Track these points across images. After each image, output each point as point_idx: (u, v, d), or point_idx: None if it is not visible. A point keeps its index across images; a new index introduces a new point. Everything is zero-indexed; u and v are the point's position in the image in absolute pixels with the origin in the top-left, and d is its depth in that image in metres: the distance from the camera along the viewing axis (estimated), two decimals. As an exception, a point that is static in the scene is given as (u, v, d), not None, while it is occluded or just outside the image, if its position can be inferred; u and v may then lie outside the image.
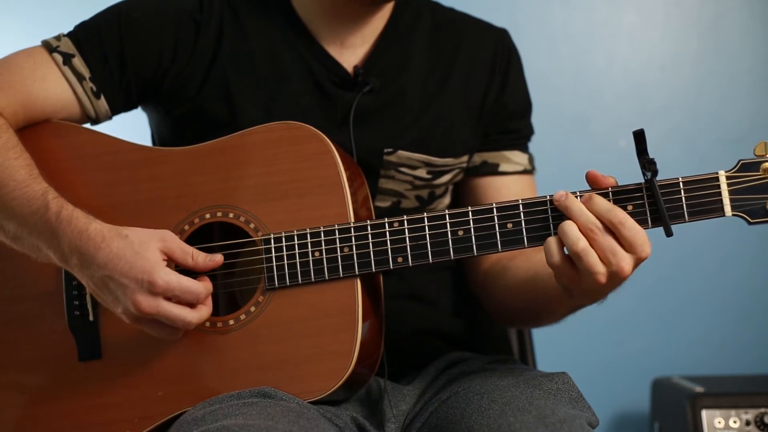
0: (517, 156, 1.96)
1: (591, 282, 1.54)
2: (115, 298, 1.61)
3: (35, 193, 1.65)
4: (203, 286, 1.62)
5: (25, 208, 1.65)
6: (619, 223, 1.52)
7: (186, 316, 1.61)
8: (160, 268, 1.60)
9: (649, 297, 3.00)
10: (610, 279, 1.54)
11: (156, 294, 1.59)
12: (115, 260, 1.59)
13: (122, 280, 1.59)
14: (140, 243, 1.61)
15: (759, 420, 2.50)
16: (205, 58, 1.82)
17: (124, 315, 1.62)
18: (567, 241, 1.54)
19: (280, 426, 1.48)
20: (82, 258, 1.61)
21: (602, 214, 1.53)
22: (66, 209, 1.63)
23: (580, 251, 1.52)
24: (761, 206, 1.55)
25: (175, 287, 1.59)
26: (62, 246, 1.63)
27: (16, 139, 1.71)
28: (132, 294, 1.59)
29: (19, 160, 1.68)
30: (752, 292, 3.07)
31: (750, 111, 3.07)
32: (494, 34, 1.97)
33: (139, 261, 1.59)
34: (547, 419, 1.49)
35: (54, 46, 1.80)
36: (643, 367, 2.95)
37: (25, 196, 1.65)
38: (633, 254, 1.53)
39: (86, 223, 1.62)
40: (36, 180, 1.66)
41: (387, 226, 1.63)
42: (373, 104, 1.84)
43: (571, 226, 1.54)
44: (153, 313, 1.59)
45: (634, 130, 1.54)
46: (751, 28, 3.10)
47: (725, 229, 2.98)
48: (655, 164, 1.53)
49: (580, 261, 1.53)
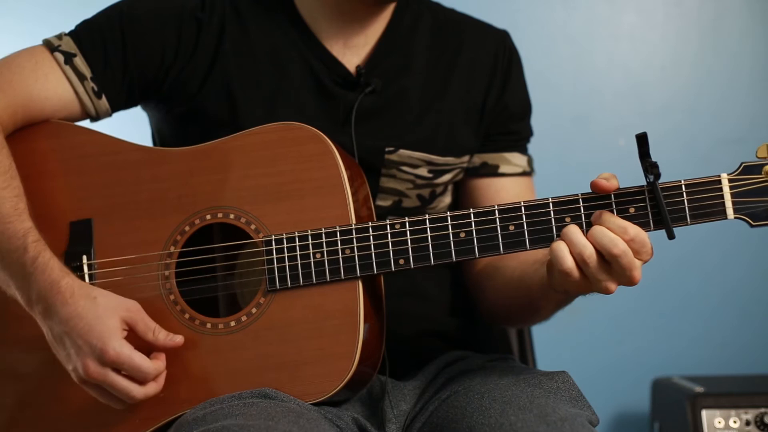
0: (516, 158, 1.96)
1: (600, 290, 1.55)
2: (68, 355, 1.61)
3: (17, 232, 1.64)
4: (154, 367, 1.61)
5: (4, 244, 1.64)
6: (630, 240, 1.52)
7: (131, 391, 1.60)
8: (115, 338, 1.59)
9: (649, 297, 3.00)
10: (619, 285, 1.55)
11: (105, 363, 1.59)
12: (76, 319, 1.59)
13: (77, 341, 1.59)
14: (105, 308, 1.61)
15: (759, 420, 2.50)
16: (206, 56, 1.82)
17: (73, 374, 1.62)
18: (574, 248, 1.54)
19: (280, 426, 1.48)
20: (47, 309, 1.61)
21: (613, 230, 1.53)
22: (43, 256, 1.63)
23: (587, 258, 1.53)
24: (763, 209, 1.55)
25: (124, 361, 1.59)
26: (31, 292, 1.62)
27: (8, 162, 1.69)
28: (83, 357, 1.59)
29: (7, 190, 1.66)
30: (752, 292, 3.07)
31: (750, 111, 3.07)
32: (495, 35, 1.97)
33: (97, 326, 1.59)
34: (549, 417, 1.49)
35: (55, 46, 1.80)
36: (643, 367, 2.95)
37: (6, 232, 1.64)
38: (640, 260, 1.54)
39: (60, 276, 1.62)
40: (20, 217, 1.65)
41: (389, 228, 1.63)
42: (375, 104, 1.84)
43: (576, 233, 1.54)
44: (99, 380, 1.59)
45: (637, 133, 1.54)
46: (751, 28, 3.10)
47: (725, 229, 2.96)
48: (657, 167, 1.53)
49: (588, 268, 1.53)
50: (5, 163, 1.68)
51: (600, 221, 1.55)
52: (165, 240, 1.70)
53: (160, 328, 1.64)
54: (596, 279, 1.54)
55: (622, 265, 1.52)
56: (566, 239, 1.55)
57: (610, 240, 1.52)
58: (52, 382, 1.71)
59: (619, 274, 1.53)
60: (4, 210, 1.65)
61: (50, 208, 1.71)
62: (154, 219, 1.71)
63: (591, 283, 1.55)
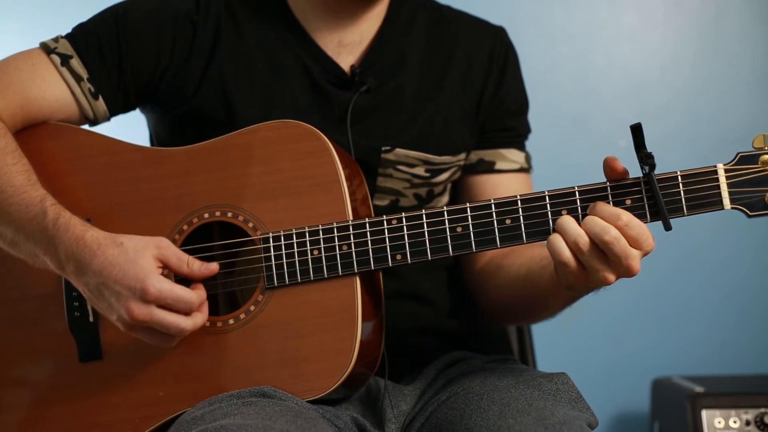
0: (513, 154, 1.96)
1: (599, 281, 1.55)
2: (110, 305, 1.61)
3: (33, 200, 1.65)
4: (196, 295, 1.62)
5: (23, 214, 1.65)
6: (625, 225, 1.52)
7: (180, 323, 1.61)
8: (153, 276, 1.59)
9: (649, 297, 3.00)
10: (618, 277, 1.54)
11: (148, 302, 1.59)
12: (110, 267, 1.60)
13: (116, 288, 1.59)
14: (135, 251, 1.61)
15: (759, 420, 2.50)
16: (202, 58, 1.83)
17: (119, 322, 1.62)
18: (569, 238, 1.54)
19: (277, 426, 1.48)
20: (78, 265, 1.62)
21: (605, 217, 1.53)
22: (63, 216, 1.64)
23: (583, 246, 1.53)
24: (760, 199, 1.55)
25: (167, 296, 1.59)
26: (59, 253, 1.63)
27: (14, 143, 1.71)
28: (125, 301, 1.59)
29: (17, 165, 1.68)
30: (752, 292, 3.07)
31: (750, 111, 3.07)
32: (491, 31, 1.97)
33: (132, 268, 1.59)
34: (547, 421, 1.49)
35: (52, 48, 1.81)
36: (643, 367, 2.95)
37: (22, 202, 1.65)
38: (640, 250, 1.53)
39: (83, 231, 1.63)
40: (34, 186, 1.67)
41: (386, 224, 1.63)
42: (370, 103, 1.84)
43: (570, 222, 1.54)
44: (146, 320, 1.59)
45: (631, 124, 1.54)
46: (751, 28, 3.10)
47: (725, 229, 2.98)
48: (653, 158, 1.53)
49: (584, 257, 1.53)
50: (12, 145, 1.70)
51: (593, 211, 1.55)
52: (164, 239, 1.71)
53: (193, 258, 1.65)
54: (593, 269, 1.53)
55: (616, 253, 1.51)
56: (560, 230, 1.55)
57: (602, 227, 1.52)
58: (52, 384, 1.72)
59: (616, 264, 1.53)
60: (18, 182, 1.66)
61: None
62: (153, 218, 1.71)
63: (589, 274, 1.54)
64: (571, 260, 1.54)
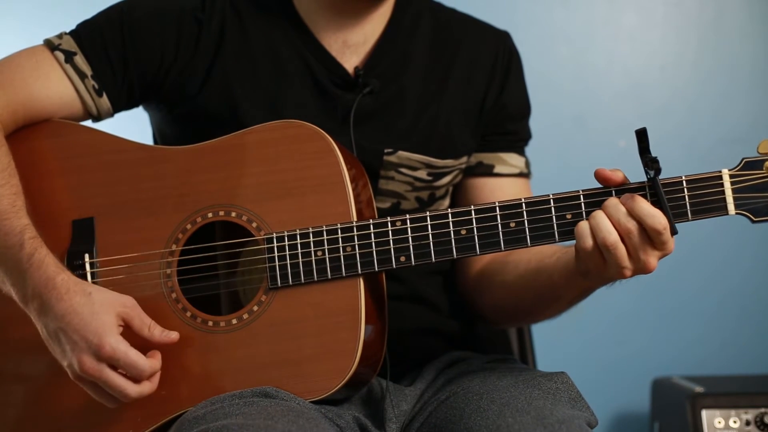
0: (513, 158, 1.96)
1: (616, 274, 1.56)
2: (63, 352, 1.61)
3: (13, 229, 1.64)
4: (149, 364, 1.61)
5: (1, 241, 1.64)
6: (663, 229, 1.52)
7: (125, 389, 1.60)
8: (111, 334, 1.59)
9: (650, 297, 3.00)
10: (635, 273, 1.56)
11: (101, 359, 1.58)
12: (72, 315, 1.59)
13: (73, 336, 1.59)
14: (101, 304, 1.61)
15: (759, 420, 2.50)
16: (206, 56, 1.82)
17: (68, 369, 1.62)
18: (599, 233, 1.54)
19: (279, 425, 1.48)
20: (42, 305, 1.61)
21: (643, 219, 1.53)
22: (39, 253, 1.62)
23: (610, 245, 1.53)
24: (765, 204, 1.55)
25: (120, 357, 1.58)
26: (26, 288, 1.62)
27: (7, 160, 1.69)
28: (79, 353, 1.59)
29: (5, 188, 1.66)
30: (752, 292, 3.07)
31: (750, 111, 3.07)
32: (496, 35, 1.97)
33: (93, 322, 1.59)
34: (546, 420, 1.49)
35: (56, 45, 1.80)
36: (643, 367, 2.94)
37: (2, 229, 1.64)
38: (661, 252, 1.55)
39: (55, 273, 1.62)
40: (17, 214, 1.65)
41: (390, 225, 1.63)
42: (373, 105, 1.84)
43: (604, 219, 1.55)
44: (95, 376, 1.59)
45: (637, 129, 1.54)
46: (751, 28, 3.10)
47: (725, 229, 2.98)
48: (657, 162, 1.53)
49: (609, 254, 1.54)
50: (4, 161, 1.68)
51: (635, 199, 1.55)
52: (167, 238, 1.70)
53: (156, 324, 1.64)
54: (616, 265, 1.54)
55: (664, 240, 1.53)
56: (593, 223, 1.56)
57: (651, 216, 1.53)
58: (51, 382, 1.71)
59: (657, 249, 1.54)
60: (1, 207, 1.65)
61: (52, 207, 1.71)
62: (156, 217, 1.71)
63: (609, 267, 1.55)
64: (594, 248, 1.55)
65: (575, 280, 1.66)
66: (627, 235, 1.53)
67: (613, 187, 1.58)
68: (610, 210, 1.55)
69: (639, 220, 1.53)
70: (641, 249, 1.54)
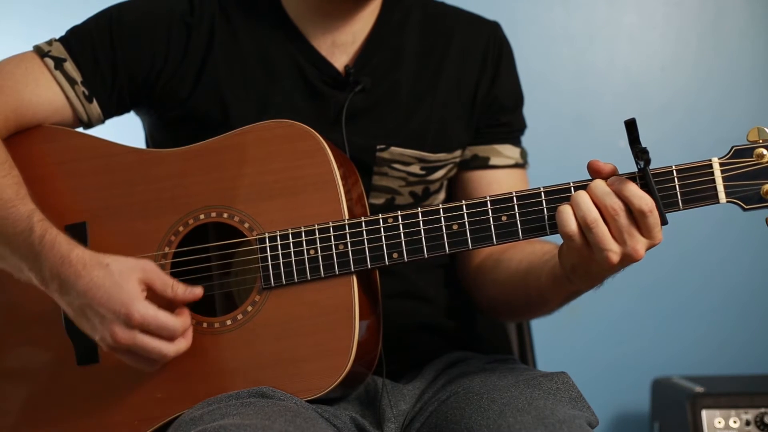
0: (508, 150, 1.96)
1: (602, 260, 1.53)
2: (93, 326, 1.61)
3: (21, 215, 1.65)
4: (180, 322, 1.62)
5: (9, 228, 1.65)
6: (649, 211, 1.51)
7: (162, 349, 1.61)
8: (138, 301, 1.60)
9: (650, 297, 3.00)
10: (622, 260, 1.53)
11: (132, 327, 1.59)
12: (94, 289, 1.60)
13: (100, 310, 1.59)
14: (120, 273, 1.61)
15: (759, 420, 2.50)
16: (196, 60, 1.83)
17: (102, 343, 1.62)
18: (579, 212, 1.53)
19: (276, 426, 1.48)
20: (62, 284, 1.62)
21: (630, 200, 1.52)
22: (50, 233, 1.63)
23: (591, 222, 1.52)
24: (755, 192, 1.54)
25: (151, 322, 1.59)
26: (43, 270, 1.63)
27: (5, 154, 1.71)
28: (109, 324, 1.59)
29: (7, 178, 1.68)
30: (752, 292, 3.06)
31: (750, 111, 3.07)
32: (485, 26, 1.97)
33: (117, 292, 1.59)
34: (547, 420, 1.49)
35: (45, 51, 1.81)
36: (643, 367, 2.94)
37: (10, 217, 1.65)
38: (648, 239, 1.53)
39: (68, 250, 1.62)
40: (23, 201, 1.66)
41: (381, 222, 1.63)
42: (364, 102, 1.84)
43: (583, 196, 1.54)
44: (129, 344, 1.60)
45: (626, 119, 1.53)
46: (751, 28, 3.10)
47: (725, 229, 2.98)
48: (647, 153, 1.52)
49: (591, 234, 1.52)
50: (2, 156, 1.70)
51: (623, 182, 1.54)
52: (159, 241, 1.71)
53: (177, 281, 1.64)
54: (600, 248, 1.52)
55: (649, 224, 1.51)
56: (573, 203, 1.54)
57: (639, 197, 1.51)
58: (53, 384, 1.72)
59: (644, 235, 1.53)
60: (6, 196, 1.66)
61: (44, 213, 1.70)
62: (148, 220, 1.71)
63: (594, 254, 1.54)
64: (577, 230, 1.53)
65: (561, 284, 1.66)
66: (613, 216, 1.52)
67: (603, 178, 1.57)
68: (593, 190, 1.54)
69: (626, 201, 1.52)
70: (627, 232, 1.52)
